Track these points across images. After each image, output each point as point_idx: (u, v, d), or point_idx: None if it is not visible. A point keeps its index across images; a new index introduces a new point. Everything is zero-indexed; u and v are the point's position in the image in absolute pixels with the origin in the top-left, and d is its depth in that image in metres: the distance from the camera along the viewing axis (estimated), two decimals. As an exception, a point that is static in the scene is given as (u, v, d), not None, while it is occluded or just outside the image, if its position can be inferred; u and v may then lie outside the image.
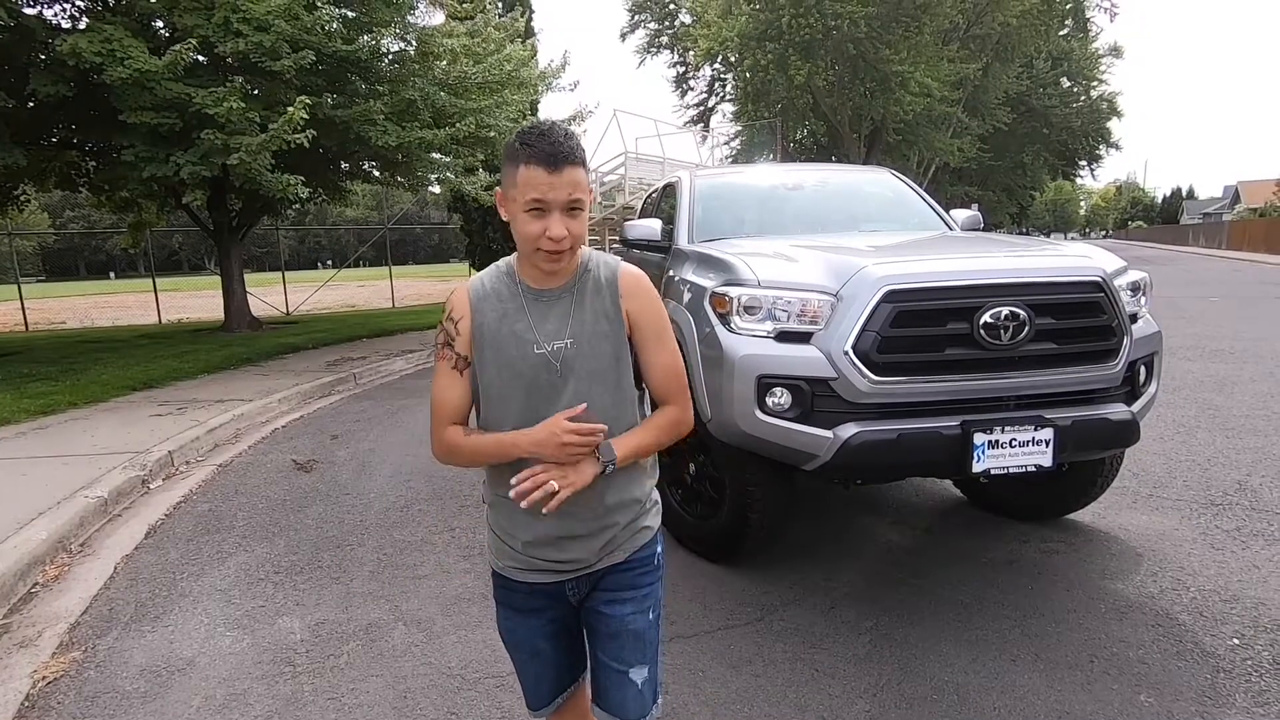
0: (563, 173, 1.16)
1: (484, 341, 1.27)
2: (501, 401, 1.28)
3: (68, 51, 7.12)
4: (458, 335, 1.29)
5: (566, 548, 1.31)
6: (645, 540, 1.38)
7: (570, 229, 1.19)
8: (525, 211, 1.18)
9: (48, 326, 15.78)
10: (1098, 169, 51.73)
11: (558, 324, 1.27)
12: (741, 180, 4.77)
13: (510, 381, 1.26)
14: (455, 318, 1.30)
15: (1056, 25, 26.65)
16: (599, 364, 1.27)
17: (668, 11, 32.11)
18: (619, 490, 1.33)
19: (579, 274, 1.30)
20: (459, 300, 1.31)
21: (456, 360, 1.30)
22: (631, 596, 1.36)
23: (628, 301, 1.30)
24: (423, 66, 9.54)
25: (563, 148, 1.16)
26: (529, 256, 1.23)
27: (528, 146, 1.17)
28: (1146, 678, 2.21)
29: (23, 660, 2.54)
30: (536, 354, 1.25)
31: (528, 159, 1.16)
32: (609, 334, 1.28)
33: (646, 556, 1.39)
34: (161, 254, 44.62)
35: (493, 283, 1.31)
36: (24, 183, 10.51)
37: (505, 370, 1.26)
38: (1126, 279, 2.78)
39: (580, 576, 1.34)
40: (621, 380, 1.30)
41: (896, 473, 2.98)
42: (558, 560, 1.32)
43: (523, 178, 1.17)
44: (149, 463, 4.50)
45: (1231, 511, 3.43)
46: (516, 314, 1.27)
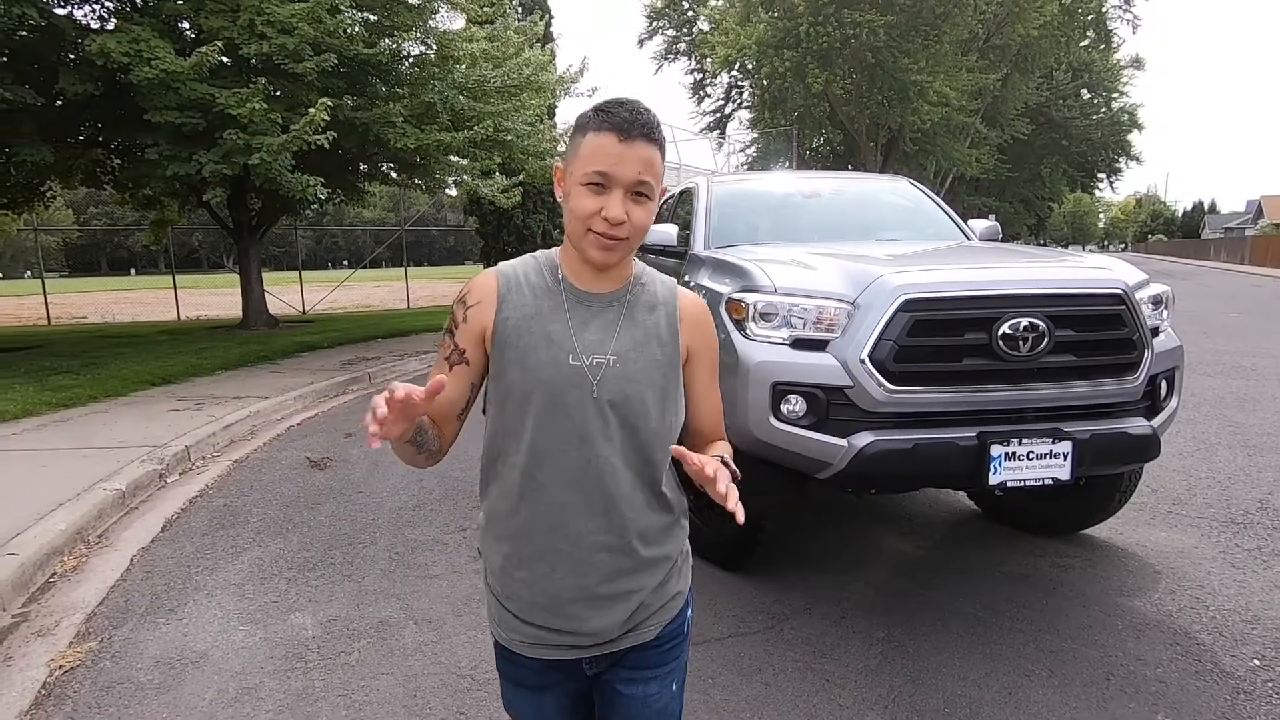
0: (635, 145, 0.97)
1: (507, 339, 1.05)
2: (517, 414, 1.04)
3: (96, 51, 7.26)
4: (464, 323, 1.07)
5: (583, 616, 1.07)
6: (677, 609, 1.16)
7: (632, 215, 0.99)
8: (582, 185, 0.99)
9: (70, 321, 16.04)
10: (1117, 181, 51.22)
11: (600, 335, 1.05)
12: (758, 187, 4.76)
13: (533, 392, 1.03)
14: (470, 302, 1.08)
15: (1078, 36, 26.46)
16: (641, 391, 1.06)
17: (686, 18, 32.19)
18: (650, 544, 1.09)
19: (631, 283, 1.10)
20: (483, 285, 1.08)
21: (453, 351, 1.08)
22: (656, 675, 1.15)
23: (689, 332, 1.12)
24: (442, 70, 9.62)
25: (642, 118, 0.98)
26: (577, 241, 1.03)
27: (601, 113, 1.00)
28: (1164, 697, 2.18)
29: (40, 649, 2.58)
30: (571, 365, 1.03)
31: (598, 125, 0.99)
32: (660, 361, 1.08)
33: (677, 628, 1.16)
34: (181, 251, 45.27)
35: (528, 273, 1.09)
36: (51, 179, 10.70)
37: (528, 377, 1.03)
38: (1148, 292, 2.75)
39: (599, 655, 1.11)
40: (665, 417, 1.08)
41: (911, 483, 2.95)
42: (573, 633, 1.08)
43: (588, 146, 0.99)
44: (166, 457, 4.55)
45: (1253, 530, 3.37)
46: (552, 313, 1.05)
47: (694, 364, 1.14)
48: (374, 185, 13.91)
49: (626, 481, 1.06)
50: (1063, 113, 34.91)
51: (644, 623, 1.11)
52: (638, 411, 1.05)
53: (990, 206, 36.64)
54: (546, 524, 1.05)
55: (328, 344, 9.89)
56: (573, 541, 1.05)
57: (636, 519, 1.07)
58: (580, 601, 1.07)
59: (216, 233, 15.18)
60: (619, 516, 1.06)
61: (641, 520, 1.08)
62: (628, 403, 1.05)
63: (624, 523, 1.06)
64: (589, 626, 1.07)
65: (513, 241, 15.63)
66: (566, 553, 1.05)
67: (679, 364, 1.11)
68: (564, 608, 1.07)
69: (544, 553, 1.06)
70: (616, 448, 1.05)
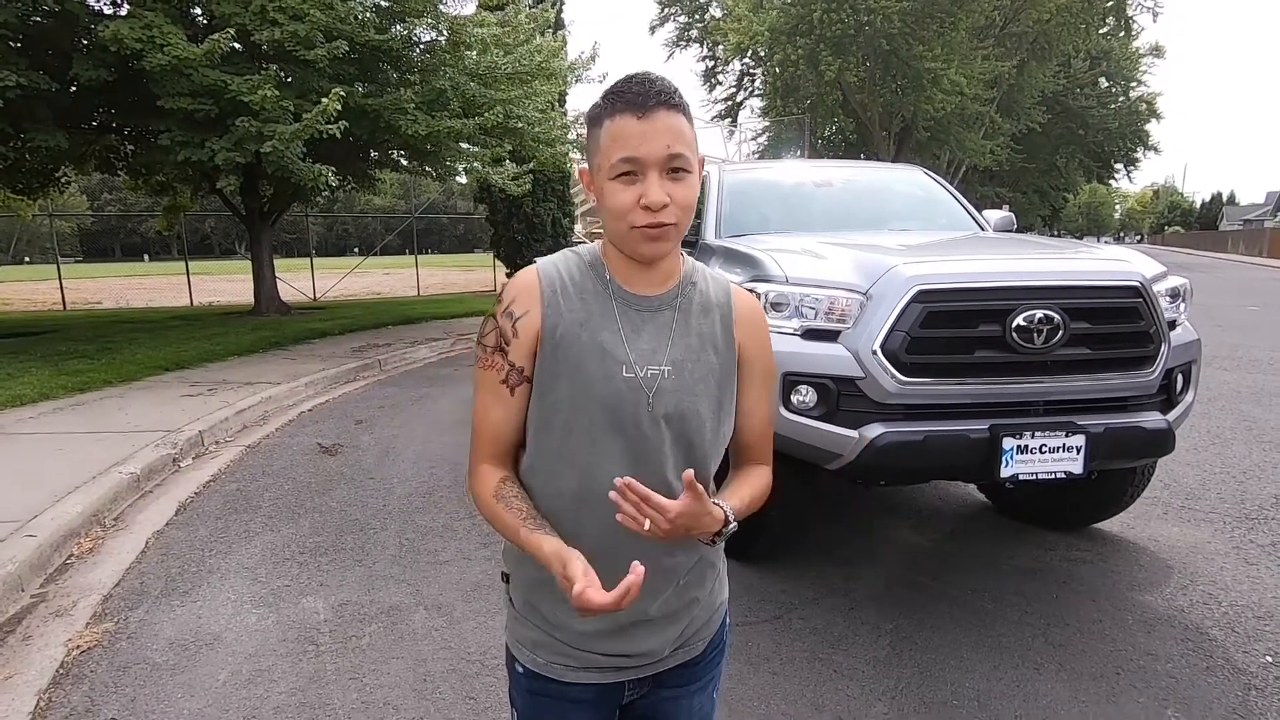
0: (656, 117, 0.87)
1: (558, 351, 0.94)
2: (567, 434, 0.95)
3: (109, 38, 7.27)
4: (516, 338, 0.94)
5: (637, 637, 1.00)
6: (720, 622, 1.11)
7: (674, 195, 0.88)
8: (613, 179, 0.89)
9: (84, 306, 16.19)
10: (1134, 172, 50.60)
11: (654, 343, 0.96)
12: (770, 176, 4.73)
13: (585, 410, 0.94)
14: (516, 313, 0.95)
15: (1096, 24, 26.00)
16: (698, 404, 0.97)
17: (698, 5, 31.89)
18: (704, 555, 1.05)
19: (683, 284, 1.00)
20: (524, 289, 0.96)
21: (509, 373, 0.95)
22: (700, 688, 1.10)
23: (742, 330, 1.02)
24: (453, 56, 9.58)
25: (656, 86, 0.88)
26: (623, 240, 0.92)
27: (611, 95, 0.90)
28: (1175, 692, 2.17)
29: (58, 629, 2.62)
30: (625, 378, 0.94)
31: (611, 110, 0.89)
32: (715, 368, 0.99)
33: (719, 640, 1.11)
34: (194, 238, 45.55)
35: (572, 273, 0.97)
36: (65, 165, 10.76)
37: (582, 395, 0.93)
38: (1166, 285, 2.72)
39: (645, 677, 1.04)
40: (720, 428, 1.01)
41: (922, 475, 2.94)
42: (624, 655, 1.00)
43: (607, 136, 0.89)
44: (180, 441, 4.60)
45: (1267, 526, 3.34)
46: (603, 320, 0.95)
47: (746, 370, 1.04)
48: (384, 173, 13.90)
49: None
50: (1080, 102, 34.36)
51: (693, 638, 1.06)
52: (694, 426, 0.97)
53: (1004, 197, 36.21)
54: (597, 552, 0.93)
55: (339, 331, 9.94)
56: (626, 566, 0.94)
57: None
58: (638, 625, 1.00)
59: (229, 219, 15.23)
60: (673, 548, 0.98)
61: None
62: (684, 417, 0.96)
63: (677, 541, 0.96)
64: (642, 648, 1.01)
65: (522, 229, 15.61)
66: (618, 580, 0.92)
67: (735, 371, 1.02)
68: (621, 633, 0.99)
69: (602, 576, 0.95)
70: (672, 465, 0.97)
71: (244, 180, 10.89)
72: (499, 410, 0.98)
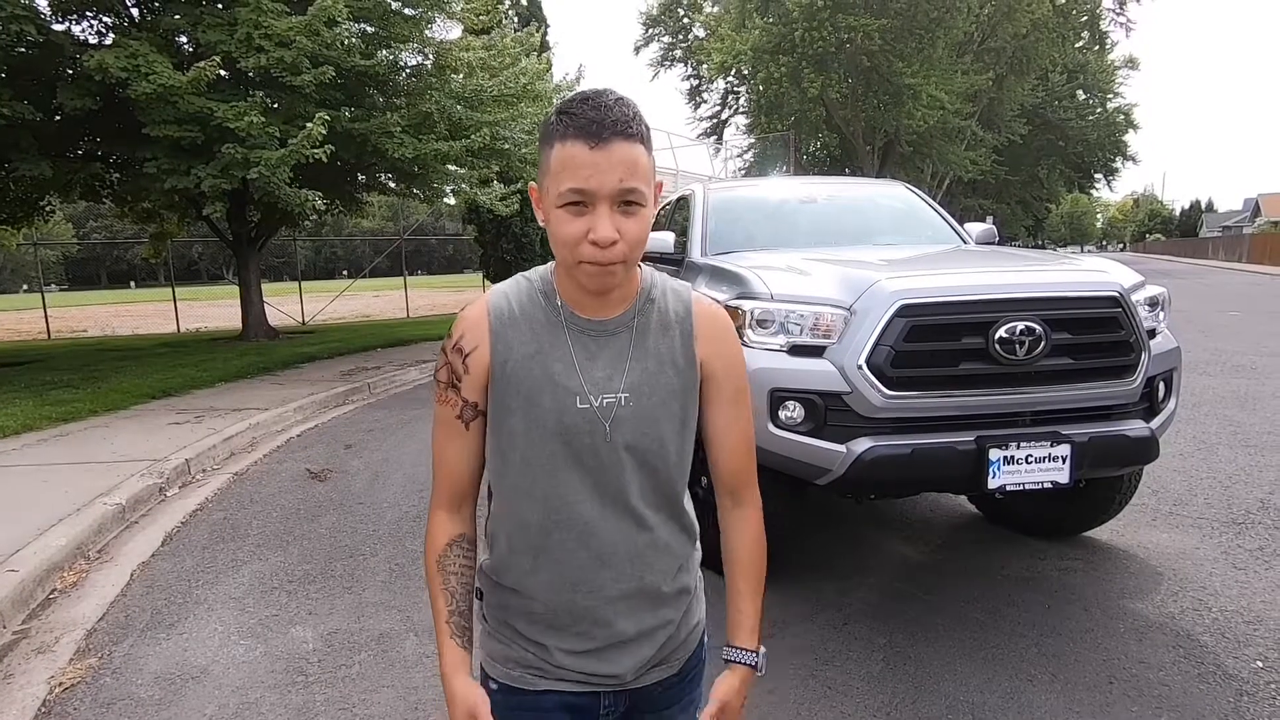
0: (610, 148, 0.82)
1: (509, 385, 0.93)
2: (524, 469, 0.94)
3: (94, 66, 7.29)
4: (467, 373, 0.94)
5: (612, 658, 0.99)
6: (698, 640, 1.09)
7: (624, 230, 0.85)
8: (560, 207, 0.85)
9: (70, 335, 16.06)
10: (1114, 181, 51.43)
11: (609, 369, 0.93)
12: (755, 193, 4.78)
13: (542, 444, 0.93)
14: (465, 348, 0.94)
15: (1072, 38, 26.58)
16: (659, 429, 0.95)
17: (681, 25, 32.38)
18: (674, 577, 1.02)
19: (640, 302, 0.96)
20: (473, 323, 0.94)
21: (462, 408, 0.96)
22: (681, 709, 1.08)
23: (704, 346, 0.98)
24: (440, 80, 9.67)
25: (612, 114, 0.83)
26: (570, 270, 0.90)
27: (565, 115, 0.84)
28: (1167, 700, 2.17)
29: (40, 666, 2.57)
30: (580, 409, 0.92)
31: (563, 132, 0.84)
32: (677, 390, 0.96)
33: (697, 659, 1.09)
34: (181, 264, 45.33)
35: (522, 303, 0.95)
36: (50, 194, 10.74)
37: (536, 429, 0.92)
38: (1144, 294, 2.76)
39: (622, 691, 1.03)
40: (683, 450, 0.98)
41: (910, 488, 2.95)
42: (596, 675, 1.00)
43: (557, 160, 0.84)
44: (166, 470, 4.55)
45: (1254, 530, 3.36)
46: (555, 349, 0.93)
47: (712, 387, 0.99)
48: (372, 195, 13.94)
49: (649, 523, 0.97)
50: (1059, 114, 35.04)
51: (670, 657, 1.04)
52: (656, 452, 0.95)
53: (988, 209, 36.72)
54: (568, 583, 0.96)
55: (328, 354, 9.90)
56: (598, 595, 0.96)
57: (659, 558, 0.99)
58: (613, 647, 0.99)
59: (216, 245, 15.21)
60: (642, 561, 0.98)
61: (665, 558, 1.00)
62: (645, 444, 0.94)
63: (647, 565, 0.98)
64: (617, 669, 0.99)
65: (511, 249, 15.69)
66: (591, 607, 0.97)
67: (697, 388, 0.98)
68: (596, 654, 0.99)
69: (568, 608, 0.97)
70: (636, 491, 0.95)
71: (231, 206, 10.90)
72: (455, 446, 0.98)
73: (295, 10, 7.97)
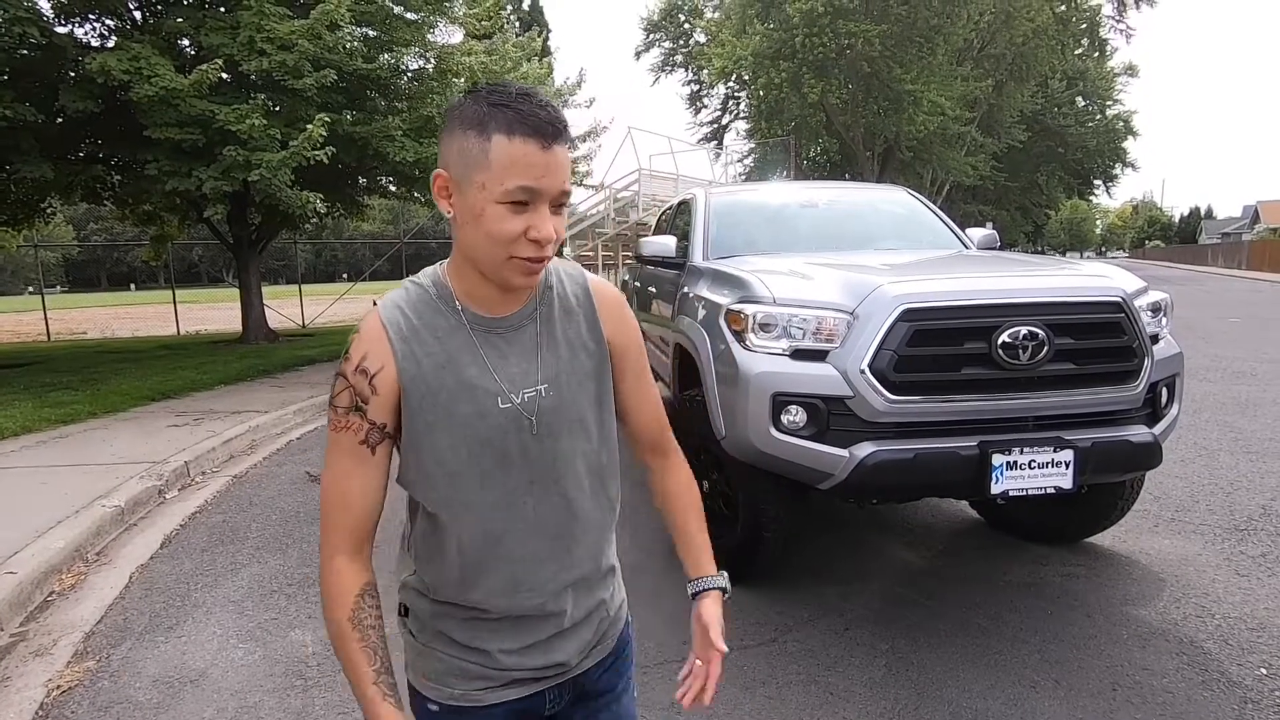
0: (557, 150, 0.84)
1: (424, 399, 0.89)
2: (454, 481, 0.91)
3: (97, 69, 7.31)
4: (375, 394, 0.88)
5: (556, 647, 0.98)
6: (625, 618, 1.10)
7: (557, 229, 0.86)
8: (502, 203, 0.83)
9: (69, 337, 16.05)
10: (1114, 188, 51.59)
11: (524, 364, 0.92)
12: (756, 198, 4.78)
13: (472, 454, 0.90)
14: (370, 368, 0.88)
15: (1071, 45, 26.67)
16: (583, 413, 0.96)
17: (682, 31, 32.49)
18: (604, 555, 1.03)
19: (540, 291, 0.96)
20: (372, 340, 0.89)
21: (368, 431, 0.89)
22: (624, 689, 1.09)
23: (609, 325, 1.00)
24: (441, 84, 9.70)
25: (556, 115, 0.84)
26: (498, 268, 0.87)
27: (505, 109, 0.82)
28: (1171, 707, 2.16)
29: (38, 669, 2.56)
30: (502, 409, 0.90)
31: (510, 127, 0.81)
32: (591, 371, 0.97)
33: (627, 636, 1.10)
34: (181, 266, 45.36)
35: (420, 311, 0.91)
36: (51, 196, 10.75)
37: (459, 437, 0.89)
38: (1147, 299, 2.76)
39: (565, 681, 1.02)
40: (606, 429, 0.99)
41: (913, 493, 2.94)
42: (542, 667, 0.98)
43: (503, 155, 0.82)
44: (165, 473, 4.54)
45: (1257, 537, 3.36)
46: (464, 354, 0.90)
47: (620, 363, 1.02)
48: (373, 198, 13.96)
49: (584, 506, 0.98)
50: (1058, 120, 35.15)
51: (604, 637, 1.05)
52: (582, 434, 0.96)
53: (988, 215, 36.79)
54: (511, 584, 0.94)
55: (327, 357, 9.89)
56: (541, 590, 0.96)
57: (596, 538, 1.00)
58: (556, 636, 0.98)
59: (216, 247, 15.22)
60: (581, 546, 0.98)
61: (596, 536, 1.00)
62: (572, 429, 0.95)
63: (586, 548, 0.99)
64: (561, 657, 0.99)
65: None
66: (537, 603, 0.96)
67: (609, 366, 1.00)
68: (540, 646, 0.98)
69: (511, 609, 0.95)
70: (569, 477, 0.95)
71: (232, 208, 10.91)
72: (359, 477, 0.90)
73: (298, 14, 7.99)
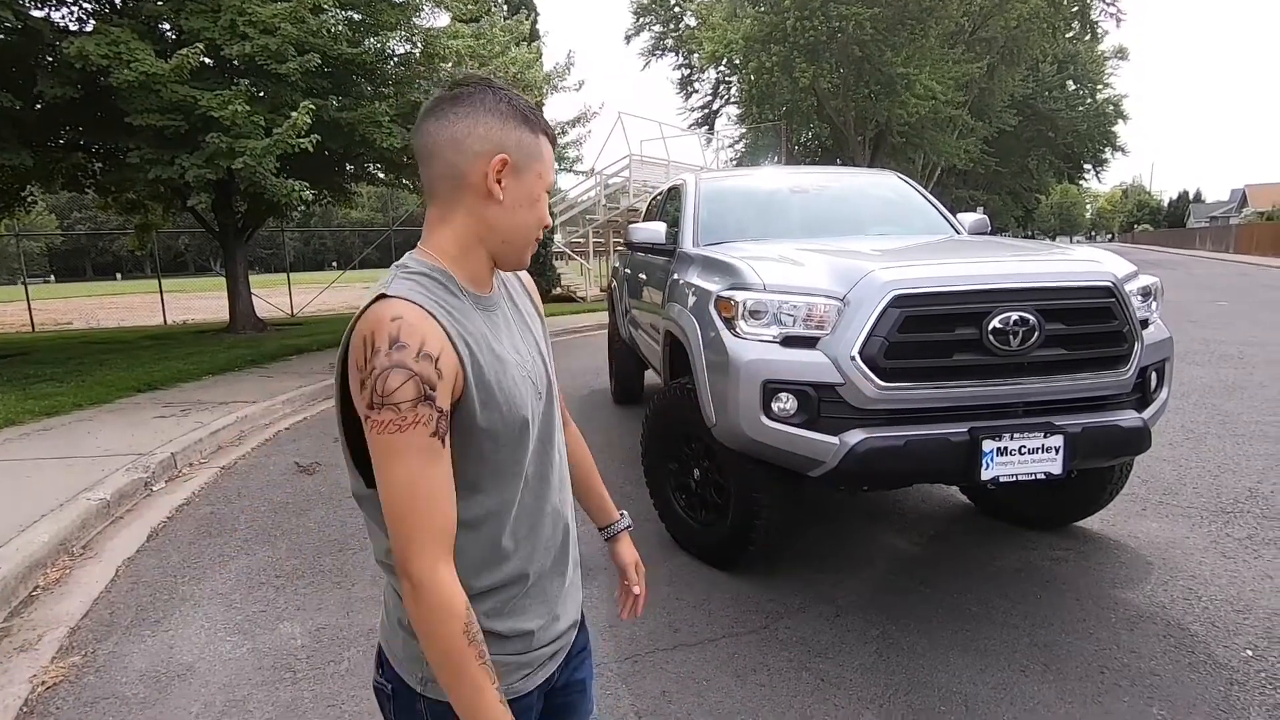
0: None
1: (479, 377, 0.88)
2: (502, 454, 0.92)
3: (74, 54, 7.14)
4: (441, 379, 0.83)
5: (566, 610, 1.06)
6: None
7: None
8: (539, 196, 0.97)
9: (54, 327, 15.84)
10: (1103, 172, 51.74)
11: (512, 335, 0.98)
12: (746, 183, 4.74)
13: (514, 422, 0.92)
14: (435, 353, 0.83)
15: (1063, 29, 26.56)
16: (551, 373, 1.06)
17: (672, 14, 32.13)
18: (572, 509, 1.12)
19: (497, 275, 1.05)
20: (425, 325, 0.83)
21: (438, 421, 0.83)
22: (589, 653, 1.17)
23: (539, 302, 1.14)
24: (428, 68, 9.55)
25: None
26: (523, 249, 0.98)
27: (533, 114, 0.94)
28: (1159, 690, 2.18)
29: (22, 664, 2.53)
30: (524, 378, 0.96)
31: (546, 130, 0.96)
32: (543, 337, 1.08)
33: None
34: (167, 255, 44.81)
35: (437, 293, 0.90)
36: (31, 184, 10.55)
37: (508, 410, 0.91)
38: (1137, 284, 2.75)
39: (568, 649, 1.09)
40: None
41: (904, 479, 2.95)
42: (563, 632, 1.05)
43: (547, 153, 0.96)
44: (152, 465, 4.49)
45: (1243, 519, 3.38)
46: (484, 331, 0.93)
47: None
48: (361, 186, 13.80)
49: (563, 463, 1.08)
50: (1048, 104, 35.07)
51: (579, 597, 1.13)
52: (556, 398, 1.07)
53: (979, 199, 36.80)
54: (541, 538, 1.01)
55: (316, 347, 9.80)
56: (555, 535, 1.04)
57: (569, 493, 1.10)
58: (562, 597, 1.05)
59: (203, 236, 15.02)
60: (569, 500, 1.09)
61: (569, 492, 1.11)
62: (553, 389, 1.06)
63: (569, 503, 1.09)
64: (570, 619, 1.07)
65: (502, 241, 15.54)
66: (556, 558, 1.04)
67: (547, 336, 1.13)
68: (555, 614, 1.03)
69: (543, 567, 1.01)
70: (558, 435, 1.06)
71: (217, 196, 10.74)
72: (441, 473, 0.84)
73: (280, -4, 7.82)
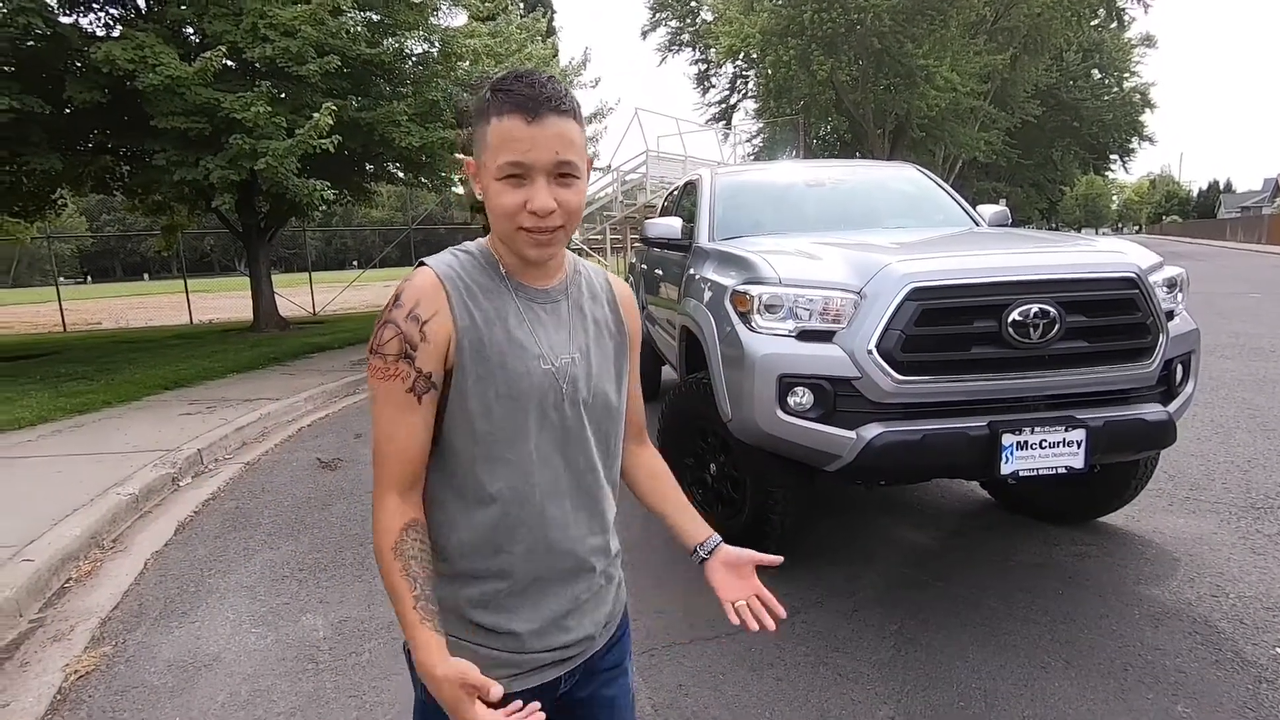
0: (546, 123, 0.86)
1: (480, 351, 0.91)
2: (496, 438, 0.93)
3: (102, 59, 7.30)
4: (424, 342, 0.89)
5: (575, 625, 1.01)
6: (623, 597, 1.14)
7: (561, 200, 0.89)
8: (499, 180, 0.88)
9: (85, 327, 16.22)
10: (1130, 162, 50.74)
11: (560, 333, 0.98)
12: (763, 178, 4.72)
13: (515, 409, 0.93)
14: (424, 315, 0.89)
15: (1088, 16, 26.03)
16: (605, 386, 1.02)
17: (689, 9, 31.99)
18: (613, 530, 1.08)
19: (570, 273, 1.03)
20: (428, 290, 0.91)
21: (415, 379, 0.89)
22: (629, 665, 1.13)
23: (628, 318, 1.09)
24: (445, 67, 9.63)
25: (545, 90, 0.87)
26: (511, 241, 0.92)
27: (500, 92, 0.87)
28: (1184, 687, 2.14)
29: (55, 654, 2.60)
30: (544, 370, 0.94)
31: (499, 108, 0.87)
32: (612, 352, 1.04)
33: (625, 614, 1.15)
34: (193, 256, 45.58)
35: (470, 272, 0.94)
36: (61, 187, 10.81)
37: (509, 395, 0.92)
38: (1162, 275, 2.70)
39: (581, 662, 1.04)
40: (621, 408, 1.06)
41: (921, 474, 2.91)
42: (565, 646, 1.00)
43: (495, 134, 0.87)
44: (179, 461, 4.58)
45: (1273, 515, 3.31)
46: (509, 315, 0.94)
47: (631, 354, 1.10)
48: (381, 185, 13.95)
49: (602, 477, 1.03)
50: (1073, 94, 34.44)
51: (614, 612, 1.08)
52: (604, 407, 1.02)
53: (1001, 192, 36.24)
54: (543, 546, 0.97)
55: (338, 345, 9.94)
56: (565, 556, 0.99)
57: (608, 511, 1.05)
58: (573, 613, 1.00)
59: (227, 236, 15.25)
60: (599, 516, 1.03)
61: (610, 511, 1.06)
62: (596, 400, 1.01)
63: (602, 520, 1.04)
64: (580, 634, 1.01)
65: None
66: (560, 569, 0.99)
67: (627, 353, 1.08)
68: (559, 623, 0.99)
69: (540, 574, 0.98)
70: (592, 446, 1.01)
71: (240, 197, 10.93)
72: (407, 422, 0.91)
73: (300, -1, 7.93)
